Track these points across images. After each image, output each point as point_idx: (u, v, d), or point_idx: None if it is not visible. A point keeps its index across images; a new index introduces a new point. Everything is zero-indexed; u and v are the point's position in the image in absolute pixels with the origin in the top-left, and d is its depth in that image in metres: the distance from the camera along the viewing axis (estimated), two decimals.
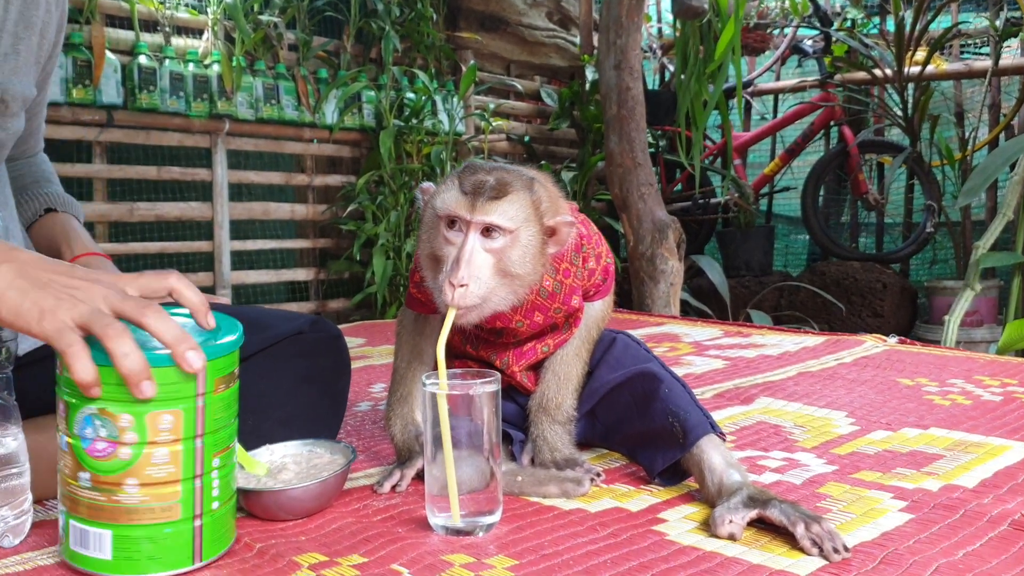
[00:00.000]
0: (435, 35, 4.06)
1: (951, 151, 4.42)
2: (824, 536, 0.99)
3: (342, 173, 3.88)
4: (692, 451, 1.18)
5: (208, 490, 0.94)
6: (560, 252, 1.21)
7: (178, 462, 0.91)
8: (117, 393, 0.89)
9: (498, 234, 1.10)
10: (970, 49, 5.00)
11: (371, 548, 1.02)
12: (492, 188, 1.10)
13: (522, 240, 1.12)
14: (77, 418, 0.91)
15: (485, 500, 1.06)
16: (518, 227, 1.11)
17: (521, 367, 1.33)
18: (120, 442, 0.89)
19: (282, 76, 3.54)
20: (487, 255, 1.10)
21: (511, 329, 1.28)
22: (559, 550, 1.01)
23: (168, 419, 0.90)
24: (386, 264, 3.61)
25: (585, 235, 1.29)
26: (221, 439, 0.96)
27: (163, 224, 3.35)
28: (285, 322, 1.34)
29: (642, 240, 3.56)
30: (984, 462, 1.34)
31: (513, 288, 1.14)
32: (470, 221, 1.09)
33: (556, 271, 1.24)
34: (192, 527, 0.93)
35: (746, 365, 2.22)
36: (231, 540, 1.01)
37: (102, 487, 0.91)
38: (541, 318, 1.27)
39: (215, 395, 0.93)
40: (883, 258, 4.67)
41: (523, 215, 1.11)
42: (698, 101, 3.78)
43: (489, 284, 1.10)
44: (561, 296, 1.27)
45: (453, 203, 1.11)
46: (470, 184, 1.11)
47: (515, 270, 1.12)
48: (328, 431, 1.36)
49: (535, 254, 1.14)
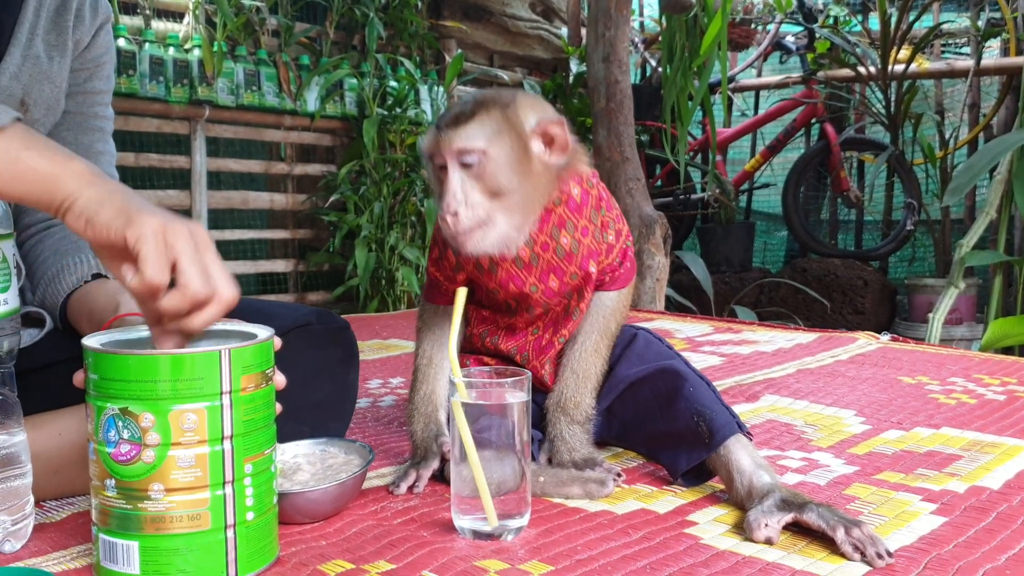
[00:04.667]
0: (419, 23, 4.00)
1: (933, 150, 4.45)
2: (866, 541, 0.97)
3: (321, 162, 3.81)
4: (719, 451, 1.15)
5: (241, 498, 0.89)
6: (578, 204, 1.20)
7: (205, 466, 0.86)
8: (139, 391, 0.84)
9: (471, 157, 1.11)
10: (951, 48, 5.04)
11: (397, 554, 0.97)
12: (458, 116, 1.13)
13: (497, 154, 1.11)
14: (101, 421, 0.86)
15: (515, 502, 1.02)
16: (488, 143, 1.11)
17: (542, 362, 1.29)
18: (144, 444, 0.85)
19: (263, 62, 3.46)
20: (471, 179, 1.11)
21: (525, 297, 1.23)
22: (594, 555, 0.97)
23: (192, 418, 0.85)
24: (368, 256, 3.54)
25: (604, 199, 1.26)
26: (254, 444, 0.90)
27: None
28: (291, 313, 1.30)
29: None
30: (1003, 463, 1.32)
31: (511, 207, 1.12)
32: (444, 153, 1.12)
33: (575, 228, 1.21)
34: (224, 538, 0.88)
35: (743, 362, 2.20)
36: (272, 556, 0.94)
37: (128, 494, 0.86)
38: (556, 284, 1.23)
39: (243, 395, 0.88)
40: (863, 255, 4.69)
41: (490, 131, 1.11)
42: (683, 96, 3.76)
43: (482, 206, 1.11)
44: (578, 258, 1.22)
45: (430, 141, 1.14)
46: (444, 118, 1.14)
47: (503, 185, 1.11)
48: (339, 424, 1.31)
49: (520, 165, 1.12)
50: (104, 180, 0.92)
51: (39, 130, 1.25)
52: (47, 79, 1.24)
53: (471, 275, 1.25)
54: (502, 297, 1.25)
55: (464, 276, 1.26)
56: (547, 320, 1.28)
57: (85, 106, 1.33)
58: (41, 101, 1.24)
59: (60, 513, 1.12)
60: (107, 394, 0.86)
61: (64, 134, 1.31)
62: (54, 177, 0.90)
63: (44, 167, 0.90)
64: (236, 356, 0.87)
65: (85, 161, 0.93)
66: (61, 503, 1.16)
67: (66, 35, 1.26)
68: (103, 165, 1.35)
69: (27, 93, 1.22)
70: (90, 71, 1.32)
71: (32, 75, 1.22)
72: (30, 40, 1.22)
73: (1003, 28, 4.37)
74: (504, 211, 1.12)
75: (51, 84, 1.25)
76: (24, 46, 1.21)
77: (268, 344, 0.93)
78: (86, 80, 1.32)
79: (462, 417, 0.99)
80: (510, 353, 1.29)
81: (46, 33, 1.24)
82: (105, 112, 1.37)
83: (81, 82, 1.31)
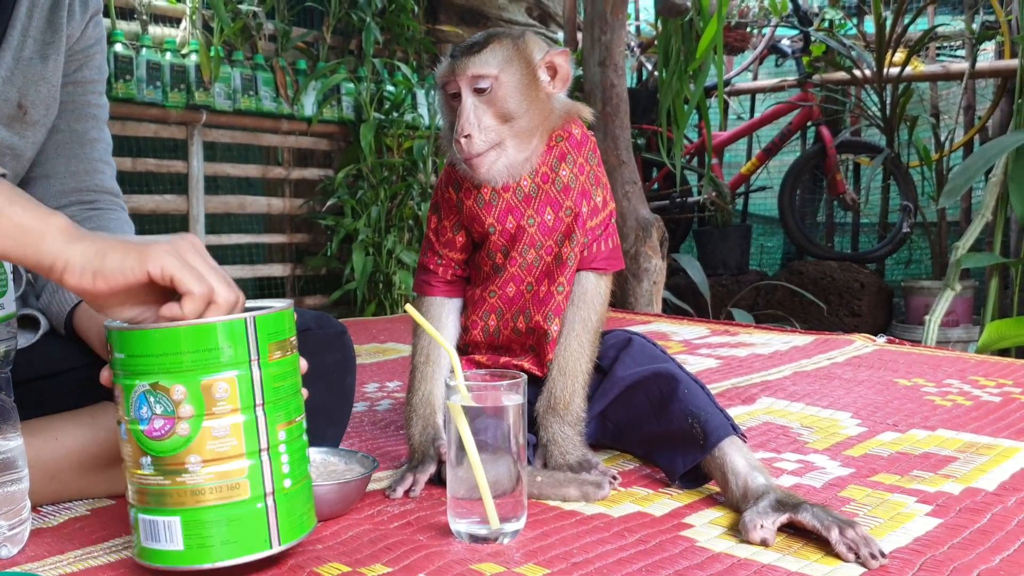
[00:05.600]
0: (416, 27, 4.01)
1: (928, 152, 4.46)
2: (859, 541, 0.97)
3: (318, 166, 3.81)
4: (713, 453, 1.16)
5: (277, 465, 0.89)
6: (578, 142, 1.28)
7: (240, 435, 0.87)
8: (168, 364, 0.85)
9: (484, 82, 1.18)
10: (946, 51, 5.05)
11: (394, 557, 0.97)
12: (471, 45, 1.21)
13: (507, 80, 1.19)
14: (132, 400, 0.87)
15: (511, 505, 1.02)
16: (500, 70, 1.19)
17: (545, 315, 1.28)
18: (177, 416, 0.85)
19: (260, 67, 3.46)
20: (483, 105, 1.19)
21: (520, 233, 1.26)
22: (589, 557, 0.98)
23: (223, 387, 0.86)
24: (366, 260, 3.55)
25: (598, 155, 1.33)
26: (285, 411, 0.91)
27: (137, 217, 3.23)
28: None
29: (626, 238, 3.54)
30: (998, 464, 1.33)
31: (519, 132, 1.21)
32: (458, 80, 1.19)
33: (573, 163, 1.27)
34: (265, 506, 0.88)
35: (739, 364, 2.20)
36: (311, 526, 0.95)
37: (165, 469, 0.86)
38: (552, 218, 1.26)
39: (271, 361, 0.89)
40: (859, 258, 4.70)
41: (502, 57, 1.20)
42: (679, 100, 3.76)
43: (494, 129, 1.19)
44: (574, 193, 1.27)
45: (445, 70, 1.22)
46: (458, 49, 1.21)
47: (512, 110, 1.19)
48: (336, 430, 1.31)
49: (528, 92, 1.21)
50: (85, 232, 0.91)
51: (39, 131, 1.26)
52: (42, 79, 1.24)
53: (470, 215, 1.27)
54: (496, 239, 1.27)
55: (463, 239, 1.29)
56: (540, 271, 1.29)
57: (77, 95, 1.32)
58: (39, 102, 1.24)
59: (57, 518, 1.12)
60: (136, 371, 0.86)
61: (57, 123, 1.30)
62: (39, 233, 0.88)
63: (29, 223, 0.88)
64: (261, 323, 0.88)
65: (64, 216, 0.91)
66: (58, 508, 1.16)
67: (60, 32, 1.26)
68: (99, 152, 1.35)
69: (24, 96, 1.21)
70: (80, 61, 1.32)
71: (27, 77, 1.22)
72: (22, 42, 1.21)
73: (997, 31, 4.39)
74: (513, 136, 1.21)
75: (47, 84, 1.24)
76: (16, 48, 1.21)
77: (290, 312, 0.95)
78: (76, 70, 1.32)
79: (463, 420, 0.99)
80: (512, 312, 1.30)
81: (41, 32, 1.24)
82: (99, 100, 1.37)
83: (71, 72, 1.31)
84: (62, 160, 1.31)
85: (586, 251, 1.29)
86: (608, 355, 1.33)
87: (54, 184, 1.30)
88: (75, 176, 1.31)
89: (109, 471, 1.17)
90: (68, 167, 1.31)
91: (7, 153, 1.22)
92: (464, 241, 1.30)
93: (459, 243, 1.30)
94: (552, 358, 1.29)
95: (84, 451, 1.15)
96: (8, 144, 1.21)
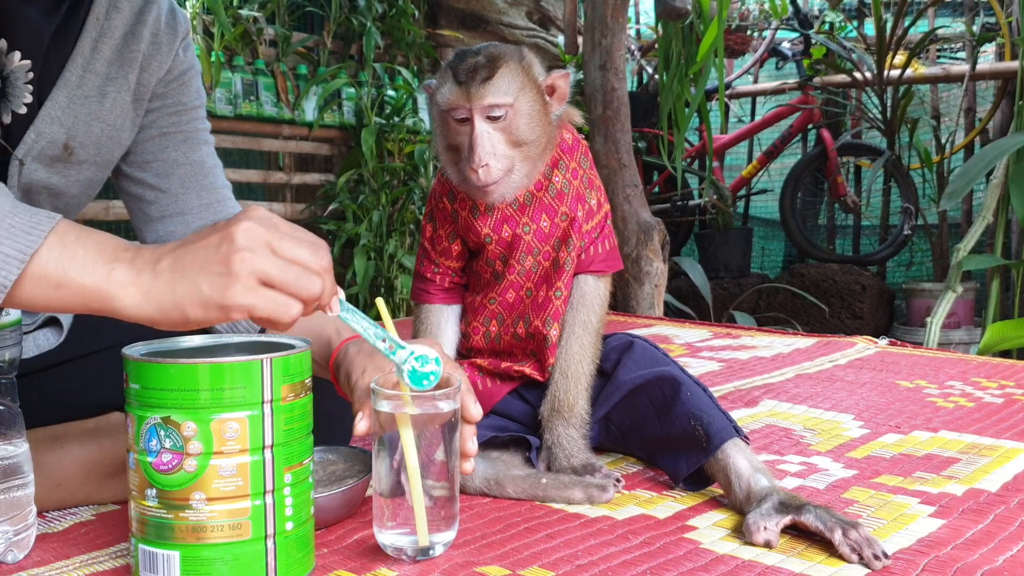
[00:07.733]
0: (416, 32, 4.02)
1: (929, 154, 4.47)
2: (863, 542, 0.97)
3: (320, 171, 3.82)
4: (716, 456, 1.16)
5: (281, 508, 0.89)
6: (569, 147, 1.28)
7: (246, 475, 0.86)
8: (182, 400, 0.85)
9: (499, 111, 1.17)
10: (946, 54, 5.06)
11: (398, 560, 0.98)
12: (483, 69, 1.17)
13: (522, 107, 1.19)
14: (143, 431, 0.87)
15: (444, 519, 0.99)
16: (515, 98, 1.18)
17: (544, 320, 1.28)
18: (186, 452, 0.85)
19: (261, 72, 3.47)
20: (496, 133, 1.18)
21: (516, 241, 1.26)
22: (594, 560, 0.98)
23: (234, 427, 0.86)
24: (367, 265, 3.55)
25: (591, 160, 1.34)
26: (293, 453, 0.91)
27: None
28: None
29: (627, 242, 3.54)
30: (1001, 465, 1.33)
31: (529, 155, 1.21)
32: (471, 108, 1.16)
33: (566, 168, 1.28)
34: (264, 548, 0.88)
35: (741, 367, 2.21)
36: (310, 567, 0.95)
37: (169, 503, 0.86)
38: (548, 225, 1.26)
39: (283, 403, 0.89)
40: (861, 260, 4.70)
41: (517, 84, 1.18)
42: (680, 103, 3.77)
43: (507, 156, 1.18)
44: (568, 198, 1.27)
45: (453, 96, 1.18)
46: (463, 72, 1.17)
47: (525, 137, 1.19)
48: (339, 439, 1.31)
49: (539, 116, 1.21)
50: (149, 264, 0.85)
51: (86, 169, 1.20)
52: (97, 118, 1.17)
53: (465, 226, 1.27)
54: (493, 248, 1.27)
55: (459, 247, 1.30)
56: (538, 276, 1.29)
57: (184, 123, 1.29)
58: (89, 142, 1.17)
59: (62, 523, 1.13)
60: (149, 403, 0.86)
61: (173, 154, 1.27)
62: (106, 297, 0.84)
63: (90, 282, 0.84)
64: (277, 365, 0.88)
65: (124, 255, 0.86)
66: (63, 513, 1.16)
67: (130, 67, 1.19)
68: (220, 179, 1.33)
69: (72, 136, 1.14)
70: (176, 88, 1.27)
71: (78, 116, 1.14)
72: (81, 79, 1.14)
73: (998, 33, 4.39)
74: (523, 160, 1.21)
75: (101, 123, 1.18)
76: (73, 86, 1.14)
77: (307, 354, 0.93)
78: (176, 99, 1.27)
79: (408, 432, 0.95)
80: (511, 319, 1.30)
81: (106, 66, 1.16)
82: (204, 126, 1.33)
83: (171, 103, 1.27)
84: (193, 194, 1.29)
85: (583, 254, 1.30)
86: (610, 358, 1.33)
87: (191, 221, 1.28)
88: (209, 208, 1.30)
89: (115, 479, 1.17)
90: (200, 200, 1.29)
91: (43, 192, 1.17)
92: (460, 250, 1.31)
93: (455, 252, 1.31)
94: (553, 362, 1.29)
95: (90, 459, 1.15)
96: (46, 184, 1.16)
